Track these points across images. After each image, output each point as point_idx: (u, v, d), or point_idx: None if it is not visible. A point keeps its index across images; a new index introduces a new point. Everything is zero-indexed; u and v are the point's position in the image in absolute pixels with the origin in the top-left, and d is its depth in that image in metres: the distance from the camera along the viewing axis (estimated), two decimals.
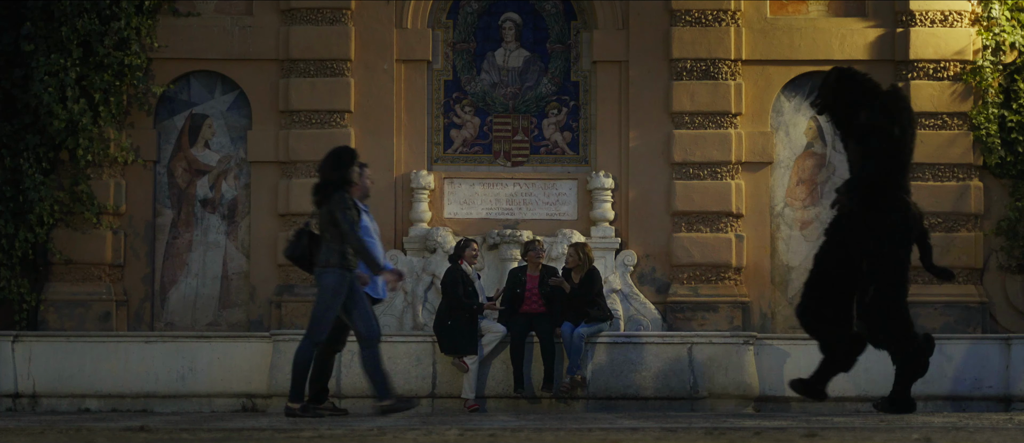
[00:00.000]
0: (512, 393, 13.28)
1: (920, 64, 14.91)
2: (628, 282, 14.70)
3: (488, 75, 15.34)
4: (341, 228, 10.87)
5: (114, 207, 14.72)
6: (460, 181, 15.06)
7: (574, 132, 15.24)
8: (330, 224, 10.91)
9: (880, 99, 11.05)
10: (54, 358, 13.62)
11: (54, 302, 14.67)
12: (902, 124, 11.02)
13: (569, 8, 15.37)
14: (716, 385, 13.36)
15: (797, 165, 15.16)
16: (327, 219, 10.93)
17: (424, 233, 14.67)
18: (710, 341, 13.54)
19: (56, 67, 14.31)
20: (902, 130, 11.00)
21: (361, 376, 13.05)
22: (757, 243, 14.97)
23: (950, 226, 14.85)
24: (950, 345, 13.80)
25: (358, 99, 14.94)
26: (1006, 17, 14.89)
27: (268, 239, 14.85)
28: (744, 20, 15.04)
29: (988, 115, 14.82)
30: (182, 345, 13.72)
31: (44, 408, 13.51)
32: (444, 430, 8.38)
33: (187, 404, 13.54)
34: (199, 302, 15.00)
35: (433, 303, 14.21)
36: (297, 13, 14.90)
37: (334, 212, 10.87)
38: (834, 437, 7.69)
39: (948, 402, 13.65)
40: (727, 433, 8.05)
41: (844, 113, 11.08)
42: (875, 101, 11.00)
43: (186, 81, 15.06)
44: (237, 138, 15.08)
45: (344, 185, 11.04)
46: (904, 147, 11.11)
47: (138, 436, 7.83)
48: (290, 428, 8.66)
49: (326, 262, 10.94)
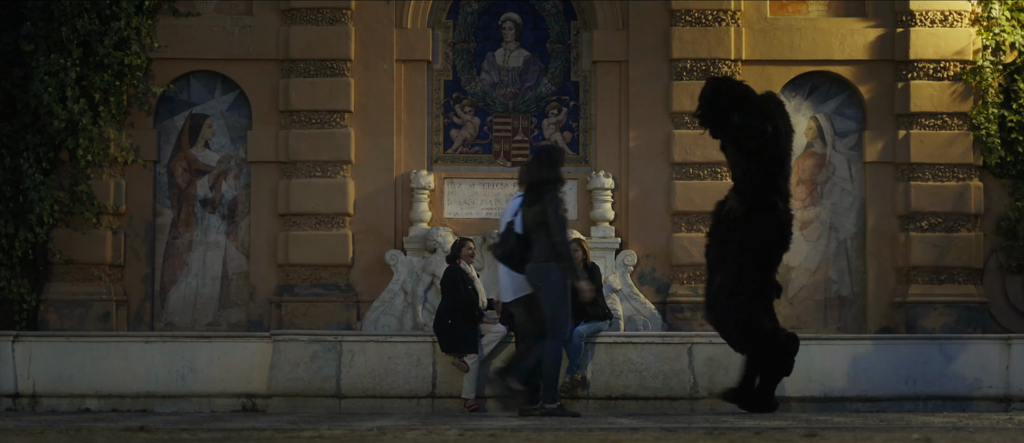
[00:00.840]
0: None
1: (920, 64, 14.91)
2: (628, 282, 14.71)
3: (488, 75, 15.34)
4: (550, 228, 10.92)
5: (114, 207, 14.73)
6: (460, 181, 15.06)
7: (574, 132, 15.24)
8: (542, 222, 10.96)
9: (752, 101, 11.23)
10: (54, 358, 13.62)
11: (54, 302, 14.67)
12: (775, 124, 11.16)
13: (569, 8, 15.37)
14: (716, 385, 13.34)
15: (797, 165, 15.15)
16: (540, 217, 10.97)
17: (424, 233, 14.67)
18: (710, 341, 13.53)
19: (56, 67, 14.31)
20: (775, 129, 11.13)
21: (361, 376, 13.06)
22: None
23: (950, 226, 14.85)
24: (950, 345, 13.80)
25: (358, 99, 14.94)
26: (1006, 17, 14.89)
27: (268, 239, 14.86)
28: (744, 20, 15.04)
29: (988, 115, 14.82)
30: (182, 345, 13.72)
31: (44, 408, 13.51)
32: (444, 430, 8.38)
33: (187, 404, 13.53)
34: (199, 302, 15.01)
35: (433, 303, 14.21)
36: (297, 13, 14.90)
37: (547, 210, 10.94)
38: (834, 437, 7.69)
39: (948, 402, 13.65)
40: (727, 433, 8.05)
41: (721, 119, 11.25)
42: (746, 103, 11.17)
43: (186, 81, 15.06)
44: (237, 138, 15.08)
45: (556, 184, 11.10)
46: (778, 146, 11.22)
47: (138, 436, 7.83)
48: (290, 428, 8.66)
49: (545, 258, 11.01)
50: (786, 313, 14.99)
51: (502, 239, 11.30)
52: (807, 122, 15.20)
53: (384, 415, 12.15)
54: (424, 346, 13.42)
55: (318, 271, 14.78)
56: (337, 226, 14.81)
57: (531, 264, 11.17)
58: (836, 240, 15.14)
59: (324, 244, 14.76)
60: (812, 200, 15.17)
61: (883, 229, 15.04)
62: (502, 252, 11.30)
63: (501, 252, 11.32)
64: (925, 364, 13.69)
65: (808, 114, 15.17)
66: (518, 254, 11.21)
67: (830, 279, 15.10)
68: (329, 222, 14.80)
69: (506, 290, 11.58)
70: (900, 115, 14.98)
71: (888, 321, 14.94)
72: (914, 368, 13.68)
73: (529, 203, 11.16)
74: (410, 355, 13.40)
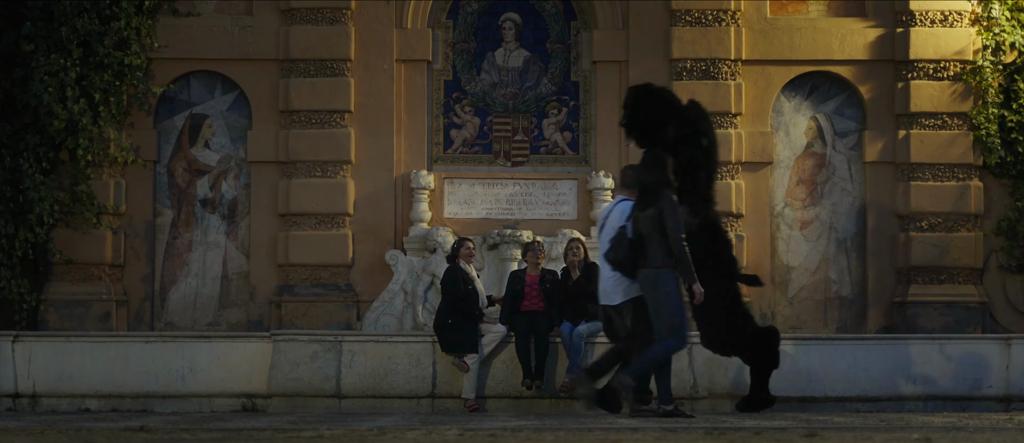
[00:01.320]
0: (519, 387, 13.21)
1: (920, 64, 14.91)
2: None
3: (488, 75, 15.34)
4: (667, 231, 10.91)
5: (114, 207, 14.73)
6: (460, 181, 15.06)
7: (574, 132, 15.24)
8: (657, 227, 10.95)
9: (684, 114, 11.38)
10: (54, 358, 13.62)
11: (54, 302, 14.67)
12: (708, 136, 11.39)
13: (569, 8, 15.37)
14: (716, 385, 13.34)
15: (797, 165, 15.16)
16: (655, 222, 10.96)
17: (424, 233, 14.67)
18: None
19: (56, 67, 14.31)
20: (710, 141, 11.35)
21: (361, 376, 13.06)
22: (757, 243, 14.97)
23: (950, 226, 14.85)
24: (950, 345, 13.80)
25: (358, 99, 14.94)
26: (1006, 17, 14.89)
27: (268, 239, 14.86)
28: (744, 20, 15.04)
29: (988, 115, 14.82)
30: (182, 345, 13.71)
31: (44, 408, 13.51)
32: (444, 430, 8.38)
33: (187, 404, 13.53)
34: (199, 302, 15.01)
35: (433, 303, 14.21)
36: (297, 13, 14.90)
37: (663, 213, 10.92)
38: (834, 437, 7.69)
39: (948, 402, 13.65)
40: (727, 433, 8.05)
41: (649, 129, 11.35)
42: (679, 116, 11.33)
43: (186, 81, 15.06)
44: (237, 138, 15.08)
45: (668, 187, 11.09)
46: (712, 158, 11.51)
47: (138, 436, 7.84)
48: (290, 428, 8.66)
49: (662, 263, 10.98)
50: (786, 313, 15.00)
51: (615, 244, 11.20)
52: (807, 122, 15.20)
53: (384, 415, 12.15)
54: (424, 346, 13.42)
55: (318, 271, 14.78)
56: (337, 226, 14.81)
57: (647, 269, 11.07)
58: (836, 240, 15.14)
59: (324, 244, 14.76)
60: (812, 200, 15.16)
61: (883, 229, 15.04)
62: (616, 257, 11.19)
63: (615, 257, 11.20)
64: (925, 364, 13.68)
65: (808, 114, 15.17)
66: (631, 259, 11.16)
67: (830, 279, 15.10)
68: (329, 222, 14.80)
69: (613, 293, 11.35)
70: (900, 115, 14.98)
71: (888, 321, 14.94)
72: (914, 368, 13.67)
73: (642, 207, 11.12)
74: (410, 355, 13.40)
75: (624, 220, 11.20)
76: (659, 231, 10.93)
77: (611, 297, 11.31)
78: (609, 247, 11.19)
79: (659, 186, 11.03)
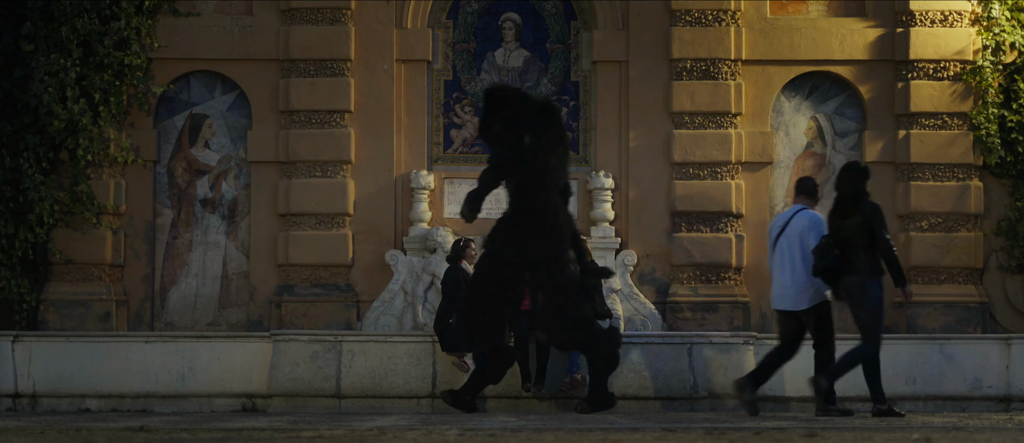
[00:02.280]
0: (519, 387, 13.23)
1: (920, 64, 14.91)
2: (628, 282, 14.70)
3: (488, 75, 15.33)
4: (876, 237, 11.25)
5: (114, 207, 14.73)
6: (460, 181, 15.06)
7: (574, 132, 15.24)
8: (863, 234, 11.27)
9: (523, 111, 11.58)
10: (54, 358, 13.62)
11: (54, 302, 14.67)
12: (535, 132, 11.52)
13: (569, 8, 15.37)
14: (716, 385, 13.35)
15: (797, 165, 15.16)
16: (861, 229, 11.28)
17: (424, 233, 14.67)
18: (710, 341, 13.54)
19: (56, 67, 14.31)
20: (534, 137, 11.48)
21: (361, 376, 13.07)
22: (757, 243, 14.96)
23: (950, 226, 14.85)
24: (950, 345, 13.81)
25: (358, 99, 14.94)
26: (1006, 17, 14.89)
27: (268, 239, 14.86)
28: (744, 20, 15.04)
29: (988, 115, 14.82)
30: (182, 345, 13.72)
31: (44, 408, 13.51)
32: (444, 430, 8.38)
33: (187, 404, 13.53)
34: (199, 302, 15.01)
35: (433, 303, 14.21)
36: (297, 13, 14.90)
37: (871, 221, 11.29)
38: (834, 437, 7.69)
39: (948, 402, 13.65)
40: (727, 433, 8.05)
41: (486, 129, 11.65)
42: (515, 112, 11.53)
43: (186, 81, 15.06)
44: (237, 138, 15.08)
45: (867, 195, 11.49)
46: (539, 155, 11.71)
47: (138, 436, 7.84)
48: (290, 428, 8.67)
49: (869, 271, 11.29)
50: None
51: (822, 252, 11.44)
52: (807, 122, 15.20)
53: (384, 415, 12.16)
54: (424, 346, 13.42)
55: (318, 271, 14.78)
56: (337, 226, 14.80)
57: (855, 276, 11.36)
58: None
59: (324, 244, 14.76)
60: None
61: None
62: (824, 265, 11.44)
63: (823, 265, 11.45)
64: (925, 364, 13.69)
65: (808, 114, 15.17)
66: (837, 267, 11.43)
67: None
68: (329, 222, 14.80)
69: (800, 298, 11.68)
70: (900, 115, 14.98)
71: (888, 321, 14.93)
72: (914, 368, 13.68)
73: (845, 215, 11.45)
74: (410, 355, 13.40)
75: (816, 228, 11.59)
76: (865, 238, 11.29)
77: (798, 302, 11.68)
78: (817, 256, 11.44)
79: (860, 195, 11.46)
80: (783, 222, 11.87)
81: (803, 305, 11.66)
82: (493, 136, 12.03)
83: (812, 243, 11.56)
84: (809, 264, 11.52)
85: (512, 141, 11.89)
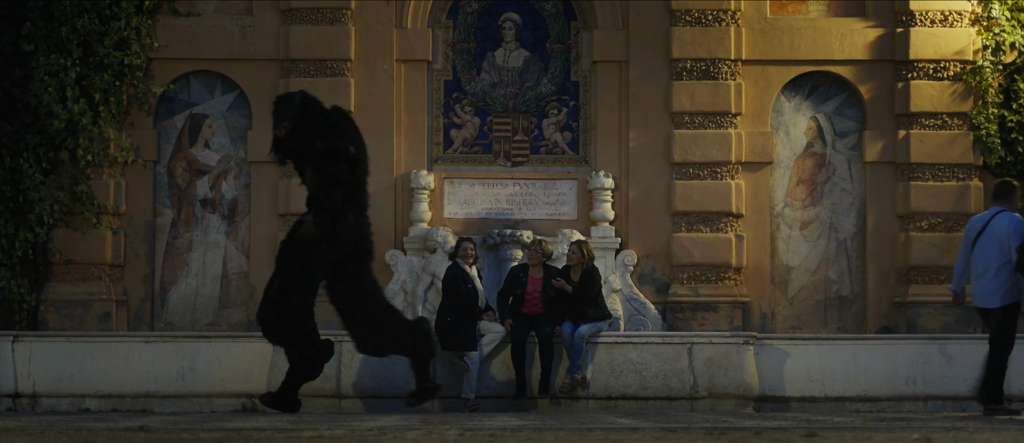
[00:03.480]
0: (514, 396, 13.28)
1: (920, 64, 14.91)
2: (628, 282, 14.71)
3: (488, 75, 15.34)
4: None
5: (114, 207, 14.73)
6: (460, 181, 15.06)
7: (574, 132, 15.24)
8: None
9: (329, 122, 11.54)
10: (54, 358, 13.62)
11: (54, 302, 14.67)
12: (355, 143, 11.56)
13: (569, 8, 15.37)
14: (716, 385, 13.36)
15: (797, 165, 15.17)
16: None
17: (424, 233, 14.67)
18: (710, 341, 13.54)
19: (56, 67, 14.31)
20: (357, 148, 11.53)
21: (362, 375, 13.06)
22: (757, 243, 14.97)
23: (950, 226, 14.85)
24: (950, 345, 13.81)
25: (358, 99, 14.94)
26: (1006, 17, 14.89)
27: (268, 239, 14.85)
28: (744, 20, 15.04)
29: (988, 115, 14.82)
30: (182, 345, 13.72)
31: (44, 408, 13.51)
32: (444, 430, 8.38)
33: (187, 404, 13.53)
34: (199, 302, 15.01)
35: (433, 303, 14.21)
36: (297, 13, 14.90)
37: None
38: (834, 437, 7.69)
39: (948, 402, 13.65)
40: (727, 433, 8.05)
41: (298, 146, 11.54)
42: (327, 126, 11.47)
43: (186, 81, 15.06)
44: (237, 138, 15.08)
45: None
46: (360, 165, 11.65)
47: (138, 436, 7.84)
48: (290, 428, 8.66)
49: None
50: (786, 313, 15.00)
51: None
52: (807, 122, 15.20)
53: (384, 415, 12.15)
54: None
55: None
56: None
57: None
58: (836, 240, 15.13)
59: None
60: (812, 200, 15.16)
61: (883, 229, 15.04)
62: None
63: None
64: (925, 364, 13.69)
65: (808, 114, 15.17)
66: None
67: (830, 279, 15.10)
68: None
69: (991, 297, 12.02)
70: (900, 115, 14.99)
71: (888, 321, 14.93)
72: (914, 368, 13.69)
73: None
74: None
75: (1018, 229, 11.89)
76: None
77: (991, 300, 12.02)
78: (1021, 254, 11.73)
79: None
80: (982, 223, 12.16)
81: (995, 303, 11.96)
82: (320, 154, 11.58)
83: (1014, 243, 11.86)
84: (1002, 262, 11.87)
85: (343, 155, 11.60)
